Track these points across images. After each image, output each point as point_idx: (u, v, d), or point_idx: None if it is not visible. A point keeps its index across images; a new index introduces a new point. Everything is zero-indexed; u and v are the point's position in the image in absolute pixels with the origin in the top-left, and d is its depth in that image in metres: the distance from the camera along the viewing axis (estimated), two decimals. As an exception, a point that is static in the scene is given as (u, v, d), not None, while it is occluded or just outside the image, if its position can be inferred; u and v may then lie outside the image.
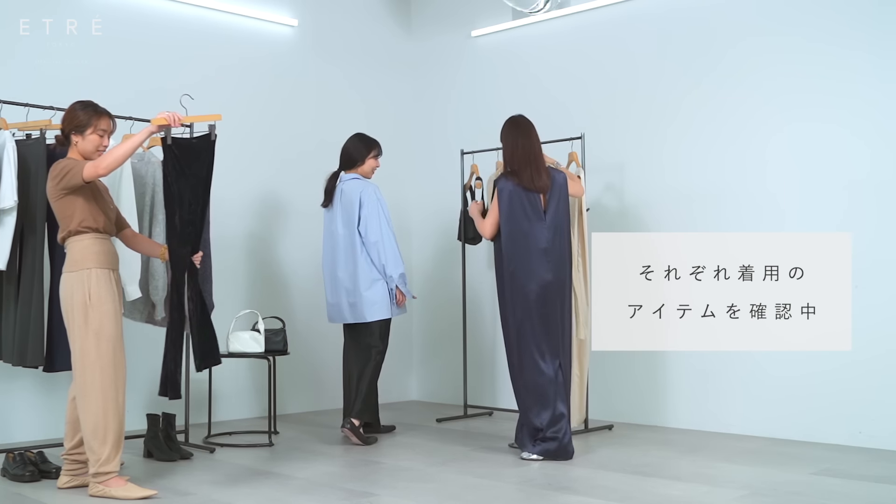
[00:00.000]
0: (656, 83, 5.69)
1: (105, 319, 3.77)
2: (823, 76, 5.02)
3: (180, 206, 4.10)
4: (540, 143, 4.67)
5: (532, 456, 4.48)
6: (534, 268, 4.54)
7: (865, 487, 3.87)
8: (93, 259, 3.80)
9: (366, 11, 6.91)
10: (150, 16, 5.72)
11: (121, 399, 3.82)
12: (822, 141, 5.02)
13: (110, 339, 3.78)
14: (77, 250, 3.81)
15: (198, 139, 4.24)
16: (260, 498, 3.79)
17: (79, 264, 3.79)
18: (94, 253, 3.81)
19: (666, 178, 5.61)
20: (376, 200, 5.10)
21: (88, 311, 3.76)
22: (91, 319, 3.76)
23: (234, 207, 5.93)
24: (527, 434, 4.54)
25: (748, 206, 5.27)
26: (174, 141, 4.06)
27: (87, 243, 3.81)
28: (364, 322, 5.12)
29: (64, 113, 3.96)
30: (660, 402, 5.59)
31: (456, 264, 6.48)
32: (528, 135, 4.66)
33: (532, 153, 4.62)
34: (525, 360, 4.54)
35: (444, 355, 6.82)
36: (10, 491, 3.93)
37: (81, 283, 3.77)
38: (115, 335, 3.80)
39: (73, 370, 3.85)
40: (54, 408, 5.18)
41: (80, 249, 3.81)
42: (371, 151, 5.24)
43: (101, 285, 3.78)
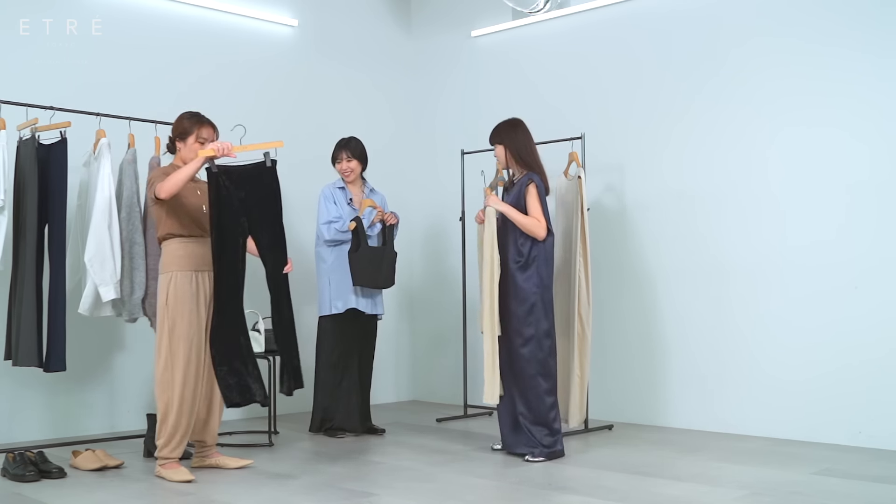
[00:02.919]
0: (657, 83, 5.69)
1: (178, 319, 4.11)
2: (824, 78, 5.02)
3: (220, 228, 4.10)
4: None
5: (539, 458, 4.49)
6: (551, 272, 4.63)
7: (865, 487, 3.87)
8: (176, 263, 4.15)
9: (366, 11, 6.91)
10: (150, 16, 5.72)
11: (187, 395, 4.12)
12: (822, 142, 5.02)
13: (181, 338, 4.10)
14: (165, 254, 4.21)
15: (252, 166, 4.22)
16: (260, 498, 3.79)
17: (165, 267, 4.19)
18: (178, 257, 4.16)
19: (666, 178, 5.61)
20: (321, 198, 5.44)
21: (167, 311, 4.11)
22: (167, 319, 4.11)
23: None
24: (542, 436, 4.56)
25: (748, 206, 5.27)
26: (221, 168, 4.10)
27: (173, 247, 4.18)
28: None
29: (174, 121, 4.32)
30: (660, 402, 5.59)
31: (456, 264, 6.49)
32: (531, 137, 4.72)
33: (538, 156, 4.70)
34: (555, 367, 4.61)
35: (444, 355, 6.82)
36: (10, 491, 3.93)
37: (165, 284, 4.15)
38: (187, 335, 4.12)
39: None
40: (54, 408, 5.19)
41: (167, 253, 4.20)
42: (334, 163, 5.51)
43: (181, 287, 4.13)
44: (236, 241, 4.13)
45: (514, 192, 4.65)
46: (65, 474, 4.19)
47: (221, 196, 4.07)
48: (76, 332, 5.09)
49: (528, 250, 4.53)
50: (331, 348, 5.35)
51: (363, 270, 5.20)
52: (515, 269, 4.54)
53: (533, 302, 4.50)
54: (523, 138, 4.70)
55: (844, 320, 4.89)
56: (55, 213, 4.52)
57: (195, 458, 4.37)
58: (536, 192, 4.55)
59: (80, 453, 4.42)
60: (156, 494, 3.87)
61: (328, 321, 5.37)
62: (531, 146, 4.71)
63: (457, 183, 6.24)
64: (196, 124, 4.24)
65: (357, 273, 5.20)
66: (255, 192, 4.15)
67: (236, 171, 4.15)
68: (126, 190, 4.74)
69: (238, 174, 4.14)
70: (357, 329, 5.39)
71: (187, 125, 4.25)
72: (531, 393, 4.52)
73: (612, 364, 5.73)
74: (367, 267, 5.22)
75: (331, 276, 5.33)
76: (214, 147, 4.03)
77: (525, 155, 4.67)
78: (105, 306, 4.66)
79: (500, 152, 4.75)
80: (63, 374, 4.78)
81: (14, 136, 4.61)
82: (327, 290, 5.34)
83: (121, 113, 4.89)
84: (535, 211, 4.53)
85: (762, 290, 5.20)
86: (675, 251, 5.55)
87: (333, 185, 5.45)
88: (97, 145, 4.66)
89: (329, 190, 5.41)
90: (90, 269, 4.49)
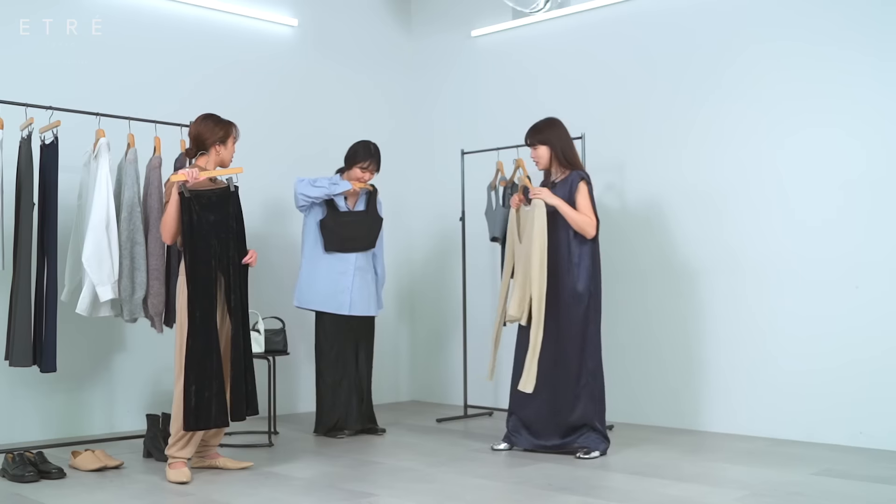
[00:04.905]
0: (657, 82, 5.69)
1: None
2: (824, 79, 5.02)
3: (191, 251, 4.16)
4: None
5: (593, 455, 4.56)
6: (599, 269, 4.66)
7: (865, 487, 3.87)
8: None
9: (366, 11, 6.91)
10: (150, 16, 5.72)
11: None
12: (822, 142, 5.02)
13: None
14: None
15: (220, 190, 4.32)
16: (260, 498, 3.79)
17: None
18: None
19: (667, 177, 5.60)
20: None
21: (185, 312, 4.13)
22: (184, 320, 4.13)
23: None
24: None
25: (749, 206, 5.27)
26: (193, 193, 4.18)
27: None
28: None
29: (194, 129, 4.31)
30: (660, 403, 5.59)
31: (456, 264, 6.48)
32: (570, 136, 4.76)
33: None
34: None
35: (444, 355, 6.82)
36: (10, 491, 3.93)
37: (183, 286, 4.17)
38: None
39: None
40: (54, 408, 5.19)
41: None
42: (356, 163, 5.37)
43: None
44: (209, 262, 4.19)
45: (562, 191, 4.61)
46: (64, 475, 4.18)
47: (193, 221, 4.16)
48: (76, 332, 5.09)
49: (577, 248, 4.55)
50: (329, 347, 5.34)
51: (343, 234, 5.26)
52: (567, 266, 4.54)
53: (586, 301, 4.55)
54: (566, 137, 4.71)
55: (844, 320, 4.89)
56: (49, 213, 4.52)
57: (195, 459, 4.37)
58: (588, 190, 4.57)
59: (79, 454, 4.41)
60: (156, 494, 3.87)
61: (322, 319, 5.35)
62: (573, 145, 4.72)
63: (457, 183, 6.24)
64: (229, 126, 4.34)
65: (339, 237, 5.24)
66: (222, 215, 4.25)
67: (205, 195, 4.24)
68: (127, 190, 4.73)
69: (207, 198, 4.23)
70: (352, 326, 5.38)
71: (227, 128, 4.33)
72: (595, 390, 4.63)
73: (610, 365, 5.69)
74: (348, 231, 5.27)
75: (318, 273, 5.31)
76: (185, 173, 4.16)
77: (569, 154, 4.67)
78: (103, 306, 4.66)
79: (544, 153, 4.69)
80: (63, 374, 4.78)
81: (12, 135, 4.61)
82: (307, 283, 5.34)
83: (120, 113, 4.89)
84: (587, 208, 4.54)
85: (762, 291, 5.20)
86: (675, 251, 5.55)
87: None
88: (96, 145, 4.66)
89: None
90: (88, 269, 4.49)
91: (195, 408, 4.07)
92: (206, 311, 4.15)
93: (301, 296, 5.35)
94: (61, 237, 4.64)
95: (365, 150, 5.35)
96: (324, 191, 5.21)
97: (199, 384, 4.09)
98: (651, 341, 5.64)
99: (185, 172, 4.17)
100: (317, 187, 5.22)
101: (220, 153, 4.34)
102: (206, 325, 4.14)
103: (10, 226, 4.58)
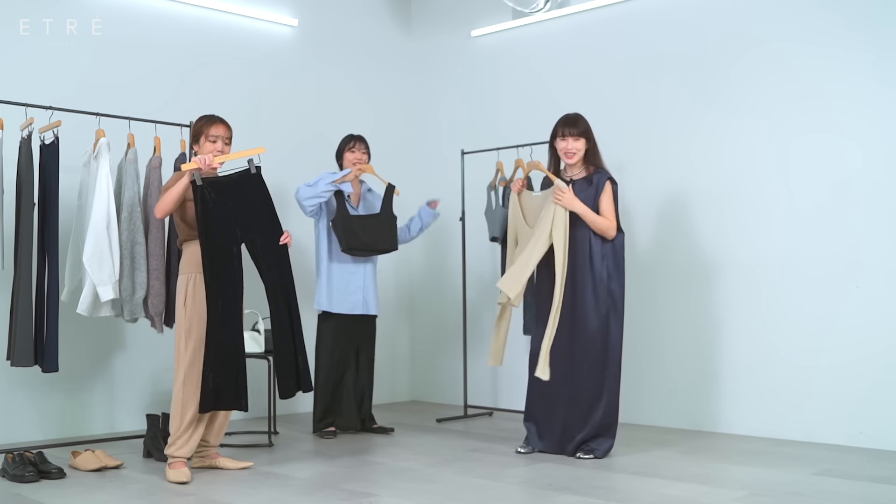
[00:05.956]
0: (656, 82, 5.69)
1: (195, 320, 4.14)
2: (831, 79, 5.01)
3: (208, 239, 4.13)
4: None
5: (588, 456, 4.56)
6: (622, 269, 4.64)
7: (865, 487, 3.87)
8: (194, 264, 4.18)
9: (366, 11, 6.91)
10: (149, 16, 5.72)
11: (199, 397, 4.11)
12: (822, 142, 5.02)
13: (198, 340, 4.13)
14: (184, 256, 4.25)
15: (238, 175, 4.26)
16: (260, 498, 3.79)
17: (184, 268, 4.23)
18: (197, 259, 4.16)
19: (666, 178, 5.60)
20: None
21: (184, 311, 4.16)
22: (184, 319, 4.16)
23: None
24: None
25: (749, 207, 5.27)
26: (207, 181, 4.13)
27: (193, 249, 4.19)
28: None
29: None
30: (659, 403, 5.59)
31: (456, 264, 6.48)
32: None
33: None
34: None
35: (444, 355, 6.82)
36: (10, 491, 3.93)
37: (183, 285, 4.19)
38: (203, 337, 4.12)
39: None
40: (54, 408, 5.19)
41: (186, 255, 4.23)
42: (343, 151, 5.47)
43: (199, 288, 4.15)
44: (229, 250, 4.16)
45: (587, 191, 4.57)
46: (64, 475, 4.18)
47: (207, 209, 4.12)
48: (76, 332, 5.09)
49: (599, 248, 4.54)
50: (331, 346, 5.35)
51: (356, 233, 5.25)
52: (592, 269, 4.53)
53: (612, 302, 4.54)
54: (592, 137, 4.69)
55: (844, 320, 4.89)
56: (49, 213, 4.52)
57: (195, 459, 4.36)
58: (613, 192, 4.57)
59: (79, 454, 4.41)
60: (156, 494, 3.87)
61: (327, 320, 5.36)
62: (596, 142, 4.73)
63: (457, 183, 6.24)
64: (206, 124, 4.30)
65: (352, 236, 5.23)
66: (243, 199, 4.21)
67: (222, 181, 4.20)
68: (128, 190, 4.73)
69: (224, 184, 4.19)
70: (355, 326, 5.39)
71: (198, 126, 4.32)
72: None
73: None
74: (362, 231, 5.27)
75: (331, 274, 5.32)
76: (198, 160, 4.11)
77: (598, 153, 4.67)
78: (104, 306, 4.66)
79: (581, 146, 4.60)
80: (63, 374, 4.77)
81: (12, 135, 4.61)
82: (326, 287, 5.34)
83: (121, 113, 4.89)
84: (610, 212, 4.54)
85: (761, 291, 5.20)
86: (675, 251, 5.55)
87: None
88: (96, 145, 4.66)
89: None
90: (88, 269, 4.49)
91: (213, 388, 4.09)
92: (228, 299, 4.13)
93: (321, 299, 5.36)
94: (62, 237, 4.64)
95: (346, 137, 5.49)
96: (324, 182, 5.22)
97: (216, 368, 4.09)
98: (651, 341, 5.63)
99: (198, 159, 4.13)
100: (317, 183, 5.23)
101: (197, 152, 4.32)
102: (229, 311, 4.13)
103: (11, 226, 4.59)
